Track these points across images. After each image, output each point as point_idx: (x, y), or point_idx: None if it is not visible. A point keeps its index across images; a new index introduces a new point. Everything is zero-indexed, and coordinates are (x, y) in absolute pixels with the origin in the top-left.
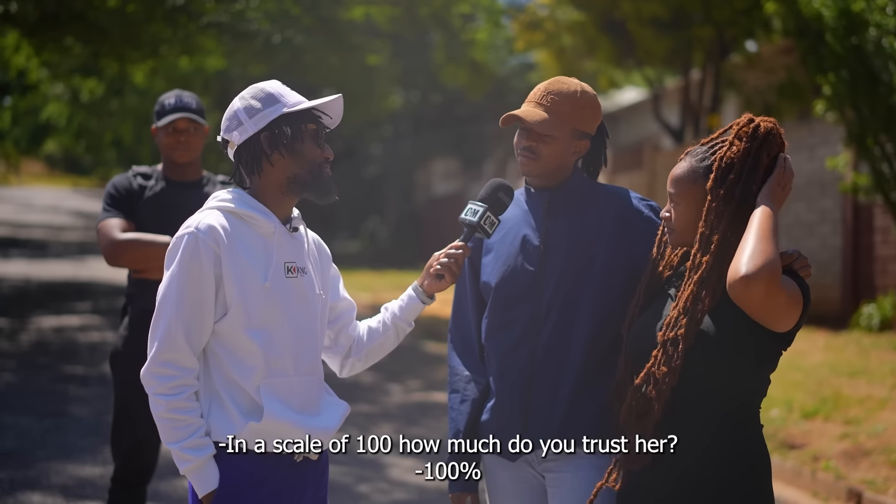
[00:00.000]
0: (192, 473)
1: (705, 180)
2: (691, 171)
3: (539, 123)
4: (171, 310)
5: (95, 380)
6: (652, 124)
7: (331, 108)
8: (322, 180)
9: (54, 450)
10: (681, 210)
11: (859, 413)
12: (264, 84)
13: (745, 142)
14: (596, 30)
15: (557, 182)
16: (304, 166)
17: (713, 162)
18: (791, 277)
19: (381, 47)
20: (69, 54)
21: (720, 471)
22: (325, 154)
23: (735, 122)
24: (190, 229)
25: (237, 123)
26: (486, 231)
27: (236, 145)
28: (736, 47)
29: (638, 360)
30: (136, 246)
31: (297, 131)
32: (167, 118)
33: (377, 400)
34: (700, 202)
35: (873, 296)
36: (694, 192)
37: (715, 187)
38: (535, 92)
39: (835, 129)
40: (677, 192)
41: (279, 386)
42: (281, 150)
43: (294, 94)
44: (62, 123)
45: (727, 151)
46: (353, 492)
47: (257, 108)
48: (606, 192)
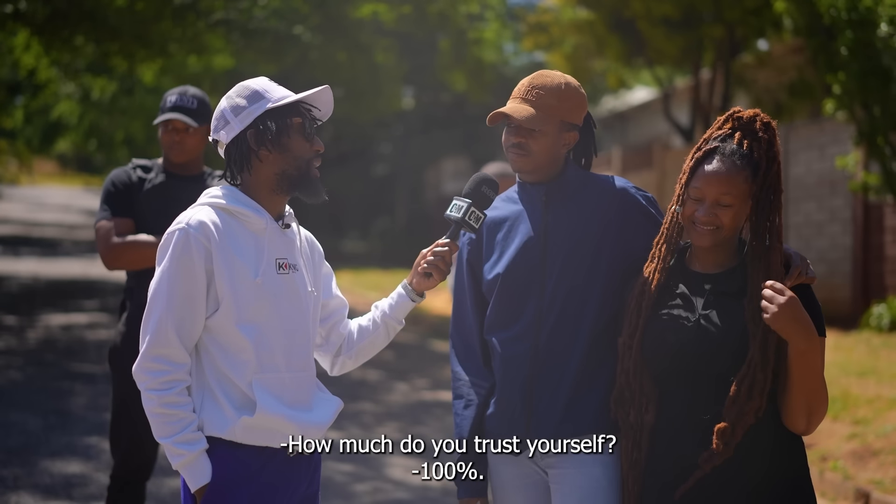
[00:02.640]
0: (184, 468)
1: (753, 176)
2: (739, 171)
3: (526, 119)
4: (161, 305)
5: (102, 377)
6: (662, 123)
7: (320, 100)
8: (310, 178)
9: (59, 447)
10: (735, 211)
11: (868, 413)
12: (250, 81)
13: (764, 134)
14: (605, 29)
15: (551, 176)
16: (293, 162)
17: (758, 159)
18: (801, 290)
19: (389, 46)
20: (78, 53)
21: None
22: (315, 147)
23: (735, 114)
24: (181, 225)
25: (224, 122)
26: (472, 226)
27: (225, 144)
28: (746, 46)
29: (661, 368)
30: (130, 248)
31: (282, 126)
32: (163, 116)
33: (383, 398)
34: (747, 198)
35: (883, 296)
36: (745, 189)
37: (763, 181)
38: (519, 87)
39: (845, 127)
40: (733, 193)
41: (271, 381)
42: (268, 146)
43: (280, 89)
44: (73, 122)
45: (763, 147)
46: (348, 490)
47: (243, 106)
48: (601, 183)
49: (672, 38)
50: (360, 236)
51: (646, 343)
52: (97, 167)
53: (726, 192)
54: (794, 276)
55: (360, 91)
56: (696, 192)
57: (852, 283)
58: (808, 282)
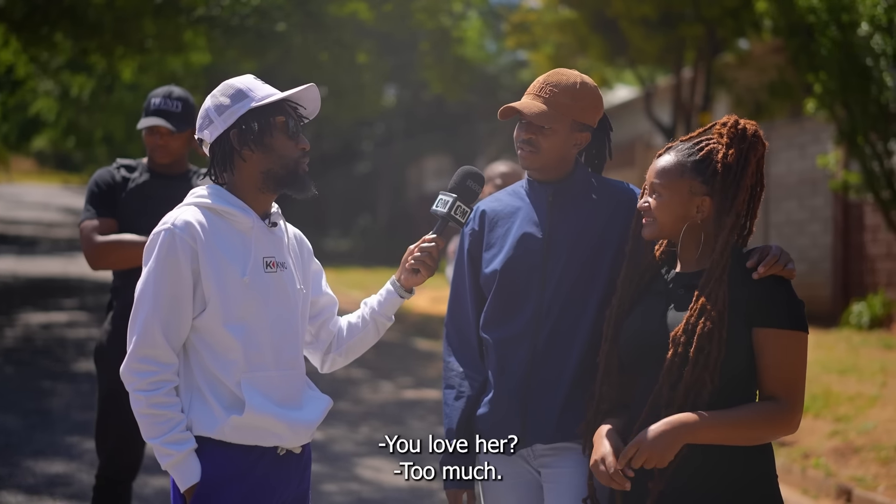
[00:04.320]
0: (173, 468)
1: (693, 175)
2: (679, 165)
3: (537, 115)
4: (148, 306)
5: (83, 376)
6: (643, 122)
7: (305, 98)
8: (297, 175)
9: (42, 446)
10: (664, 202)
11: (849, 410)
12: (235, 80)
13: (736, 144)
14: (588, 28)
15: (560, 175)
16: (277, 161)
17: (710, 163)
18: (780, 285)
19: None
20: (57, 50)
21: (735, 471)
22: (300, 145)
23: (719, 122)
24: (166, 226)
25: (208, 122)
26: (458, 221)
27: (209, 143)
28: (726, 46)
29: (641, 362)
30: (114, 248)
31: (265, 125)
32: (145, 122)
33: (366, 397)
34: (685, 196)
35: (863, 294)
36: (680, 185)
37: (716, 186)
38: (534, 84)
39: (825, 127)
40: (663, 182)
41: (260, 380)
42: (250, 146)
43: (265, 87)
44: (51, 119)
45: (722, 153)
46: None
47: (226, 105)
48: (611, 187)
49: (653, 38)
50: (342, 234)
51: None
52: (75, 165)
53: (659, 182)
54: (771, 264)
55: (342, 90)
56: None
57: (832, 282)
58: (787, 276)
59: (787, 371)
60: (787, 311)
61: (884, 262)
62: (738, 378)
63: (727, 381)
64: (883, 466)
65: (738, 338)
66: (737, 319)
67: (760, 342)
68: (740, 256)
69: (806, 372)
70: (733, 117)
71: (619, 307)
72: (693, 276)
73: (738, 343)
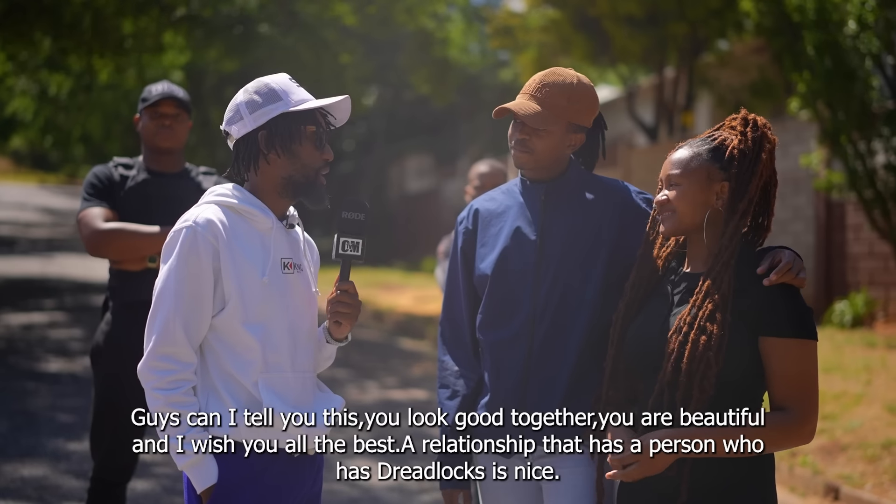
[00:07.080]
0: (190, 469)
1: (711, 161)
2: (695, 154)
3: (531, 117)
4: (169, 303)
5: (66, 377)
6: (626, 122)
7: (337, 108)
8: (315, 185)
9: (27, 448)
10: (683, 191)
11: (835, 409)
12: (270, 78)
13: (749, 132)
14: (571, 27)
15: (553, 175)
16: (300, 169)
17: (725, 149)
18: (789, 292)
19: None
20: (36, 49)
21: (729, 468)
22: (324, 156)
23: (729, 118)
24: (188, 223)
25: (238, 117)
26: (355, 255)
27: (235, 139)
28: (709, 46)
29: (642, 366)
30: (119, 236)
31: (295, 132)
32: (154, 99)
33: (352, 398)
34: (703, 182)
35: (846, 293)
36: (698, 172)
37: (732, 171)
38: (530, 83)
39: (808, 126)
40: (681, 172)
41: (276, 381)
42: (277, 150)
43: (300, 91)
44: (29, 118)
45: (738, 140)
46: None
47: (258, 104)
48: (605, 185)
49: (636, 37)
50: (324, 234)
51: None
52: (53, 164)
53: (678, 173)
54: (784, 272)
55: (325, 90)
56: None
57: (815, 281)
58: (798, 284)
59: (798, 380)
60: (797, 320)
61: (866, 261)
62: (739, 385)
63: (725, 385)
64: (870, 464)
65: (741, 341)
66: (741, 323)
67: (768, 351)
68: (752, 255)
69: (818, 380)
70: (743, 111)
71: (627, 311)
72: (700, 276)
73: (741, 346)
